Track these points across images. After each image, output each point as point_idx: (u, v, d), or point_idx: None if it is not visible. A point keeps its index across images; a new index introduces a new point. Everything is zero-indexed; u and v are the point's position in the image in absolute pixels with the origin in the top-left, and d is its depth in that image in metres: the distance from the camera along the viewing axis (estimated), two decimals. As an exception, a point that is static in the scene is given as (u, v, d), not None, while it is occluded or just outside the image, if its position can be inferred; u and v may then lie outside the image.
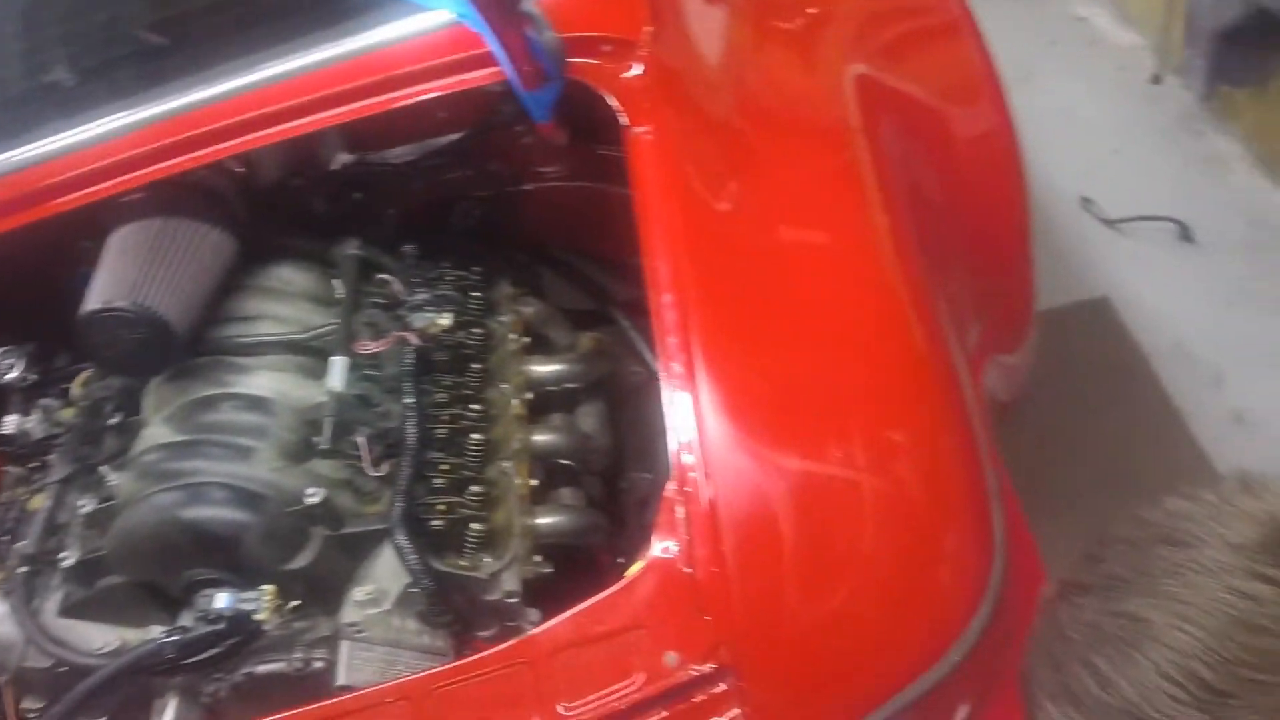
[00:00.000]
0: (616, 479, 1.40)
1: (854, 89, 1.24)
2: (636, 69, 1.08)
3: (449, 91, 1.09)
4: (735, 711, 0.88)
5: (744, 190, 1.13)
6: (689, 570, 0.92)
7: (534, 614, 1.09)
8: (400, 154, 1.35)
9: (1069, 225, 2.51)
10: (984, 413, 1.21)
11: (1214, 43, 2.26)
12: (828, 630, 0.91)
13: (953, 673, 0.89)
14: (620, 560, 1.17)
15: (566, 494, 1.28)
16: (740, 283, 1.10)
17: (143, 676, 1.05)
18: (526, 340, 1.36)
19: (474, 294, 1.35)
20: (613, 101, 1.07)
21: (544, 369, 1.34)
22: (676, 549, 0.93)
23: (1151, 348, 2.18)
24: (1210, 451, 1.96)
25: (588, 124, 1.24)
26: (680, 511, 0.94)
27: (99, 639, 1.09)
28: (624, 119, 1.06)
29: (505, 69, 1.04)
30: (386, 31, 1.14)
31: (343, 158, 1.30)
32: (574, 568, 1.22)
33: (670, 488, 0.96)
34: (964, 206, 1.30)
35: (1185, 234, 2.33)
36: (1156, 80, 2.62)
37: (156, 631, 1.07)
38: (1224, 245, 2.31)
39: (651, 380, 1.42)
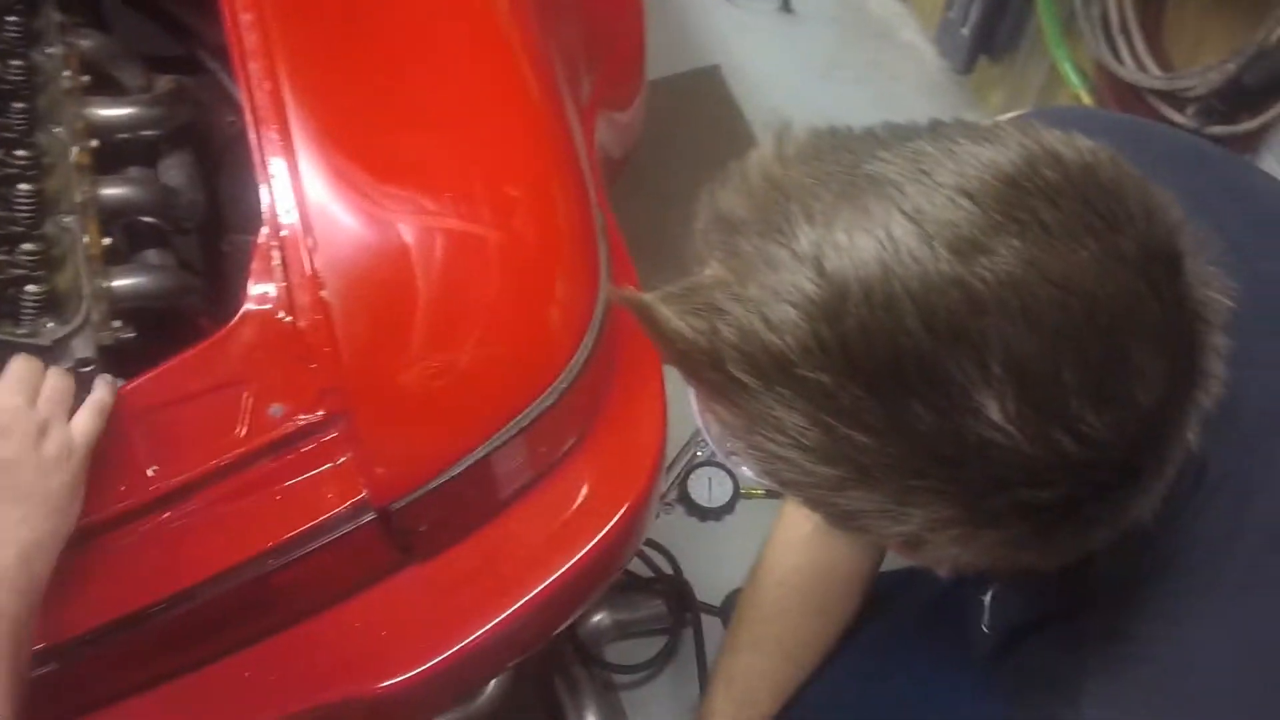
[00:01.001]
0: (216, 241, 1.27)
1: None
2: None
3: None
4: (346, 456, 0.86)
5: None
6: (289, 319, 0.86)
7: (116, 381, 0.99)
8: None
9: (682, -5, 2.56)
10: (594, 164, 1.22)
11: None
12: (438, 370, 0.90)
13: (559, 400, 0.93)
14: (213, 322, 1.08)
15: (152, 255, 1.15)
16: (336, 15, 1.00)
17: None
18: (85, 79, 1.16)
19: (9, 19, 1.11)
20: None
21: (111, 112, 1.15)
22: (275, 296, 0.87)
23: (754, 113, 2.33)
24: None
25: None
26: (276, 258, 0.88)
27: None
28: None
29: None
30: None
31: None
32: (171, 336, 1.11)
33: (264, 234, 0.89)
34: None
35: (786, 5, 2.47)
36: None
37: None
38: (818, 19, 2.48)
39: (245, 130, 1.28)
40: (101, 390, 0.83)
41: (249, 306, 0.86)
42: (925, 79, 2.34)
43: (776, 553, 1.04)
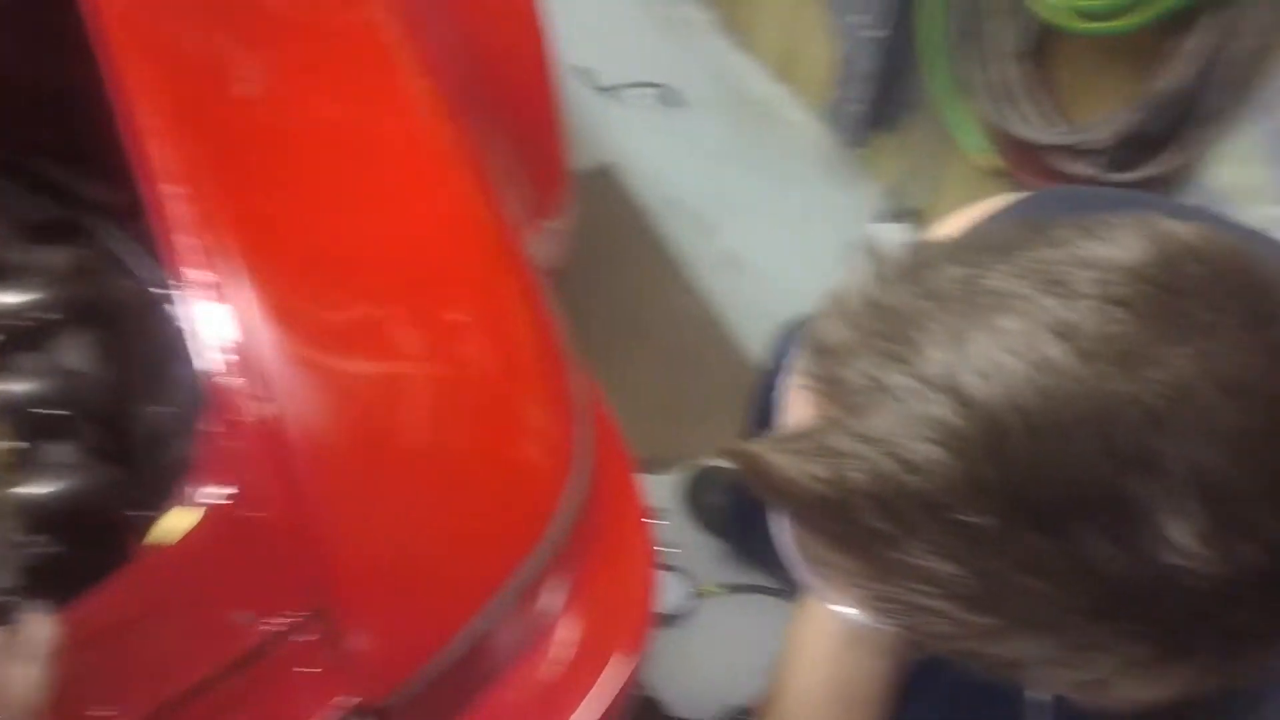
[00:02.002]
0: (124, 419, 1.16)
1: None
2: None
3: None
4: (329, 656, 0.77)
5: (252, 51, 0.94)
6: (256, 513, 0.77)
7: (43, 607, 0.86)
8: None
9: (568, 96, 2.55)
10: (544, 279, 1.17)
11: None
12: (420, 540, 0.82)
13: (555, 549, 0.85)
14: (144, 515, 0.97)
15: (61, 451, 1.03)
16: (262, 164, 0.92)
17: None
18: (-32, 266, 1.05)
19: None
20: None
21: (5, 300, 1.05)
22: (230, 487, 0.77)
23: (654, 206, 2.33)
24: (712, 291, 2.15)
25: None
26: (232, 445, 0.78)
27: None
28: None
29: None
30: None
31: None
32: (93, 535, 0.99)
33: (211, 420, 0.79)
34: (495, 69, 1.22)
35: (671, 97, 2.49)
36: (627, -51, 2.72)
37: None
38: (701, 106, 2.51)
39: (152, 296, 1.18)
40: (35, 630, 0.70)
41: (205, 503, 0.76)
42: (817, 155, 2.38)
43: (798, 669, 0.97)
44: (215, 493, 0.76)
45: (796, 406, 0.47)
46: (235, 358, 0.79)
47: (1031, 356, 0.40)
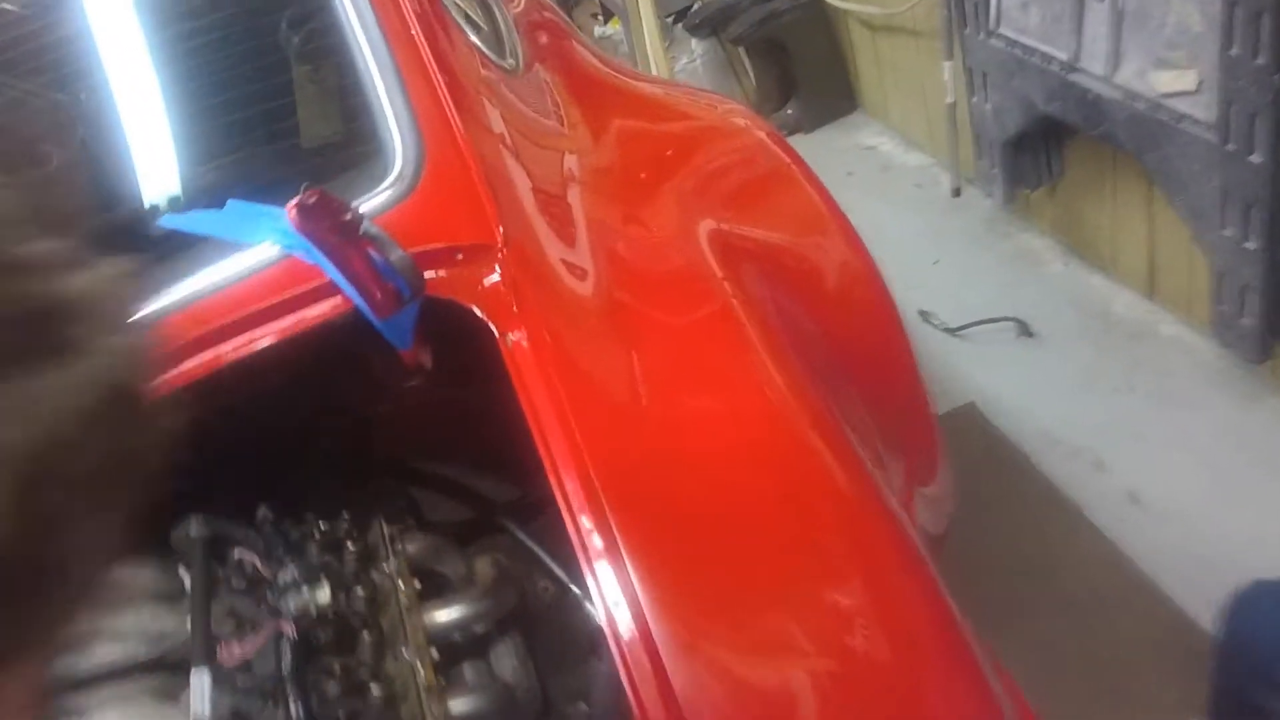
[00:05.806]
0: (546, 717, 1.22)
1: (708, 243, 1.19)
2: (494, 275, 0.98)
3: (291, 334, 0.96)
4: None
5: (633, 365, 1.03)
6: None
7: None
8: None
9: (915, 340, 2.56)
10: (931, 552, 1.13)
11: (1005, 152, 2.40)
12: None
13: None
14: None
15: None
16: (653, 474, 0.99)
17: None
18: (417, 586, 1.18)
19: (349, 545, 1.17)
20: (479, 312, 0.96)
21: (446, 616, 1.16)
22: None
23: (1025, 439, 2.21)
24: (1112, 531, 1.95)
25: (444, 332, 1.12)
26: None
27: None
28: (494, 329, 0.95)
29: (354, 299, 0.92)
30: (210, 276, 1.00)
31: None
32: None
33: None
34: (845, 340, 1.25)
35: (1024, 330, 2.41)
36: (957, 193, 2.77)
37: None
38: (1062, 335, 2.41)
39: (564, 595, 1.27)
40: None
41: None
42: (1202, 370, 2.18)
43: None
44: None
45: None
46: (642, 668, 0.82)
47: None
